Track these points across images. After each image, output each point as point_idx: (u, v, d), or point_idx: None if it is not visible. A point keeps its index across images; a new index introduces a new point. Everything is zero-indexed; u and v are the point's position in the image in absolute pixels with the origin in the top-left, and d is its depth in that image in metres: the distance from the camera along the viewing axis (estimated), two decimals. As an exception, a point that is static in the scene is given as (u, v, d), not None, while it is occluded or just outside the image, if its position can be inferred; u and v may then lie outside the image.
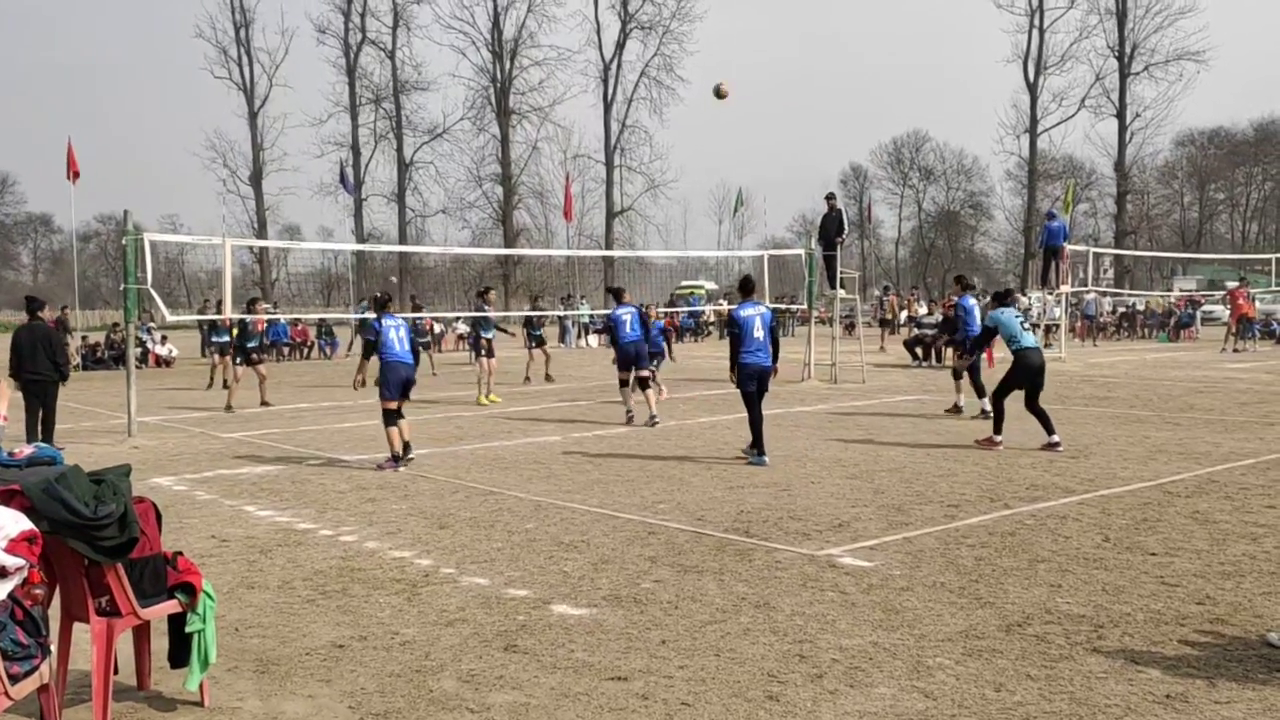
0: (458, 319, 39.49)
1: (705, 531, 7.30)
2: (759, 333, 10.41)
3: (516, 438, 12.47)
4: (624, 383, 13.97)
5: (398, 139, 67.54)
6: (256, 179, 66.18)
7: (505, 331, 20.97)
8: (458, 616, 5.45)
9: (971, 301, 14.94)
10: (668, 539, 7.09)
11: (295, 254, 74.69)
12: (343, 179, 50.38)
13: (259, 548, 7.07)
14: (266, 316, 21.26)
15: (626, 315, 14.06)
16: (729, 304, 19.99)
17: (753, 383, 10.42)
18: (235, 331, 18.25)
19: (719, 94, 11.27)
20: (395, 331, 10.75)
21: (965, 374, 14.04)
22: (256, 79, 65.64)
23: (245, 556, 6.83)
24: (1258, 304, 31.99)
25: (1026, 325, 11.41)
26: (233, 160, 65.73)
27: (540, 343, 21.19)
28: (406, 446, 10.52)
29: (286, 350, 31.84)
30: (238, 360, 16.89)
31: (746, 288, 11.07)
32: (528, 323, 21.46)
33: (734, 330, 10.53)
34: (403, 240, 65.11)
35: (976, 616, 5.31)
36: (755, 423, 10.35)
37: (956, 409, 14.12)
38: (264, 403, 16.71)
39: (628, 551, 6.76)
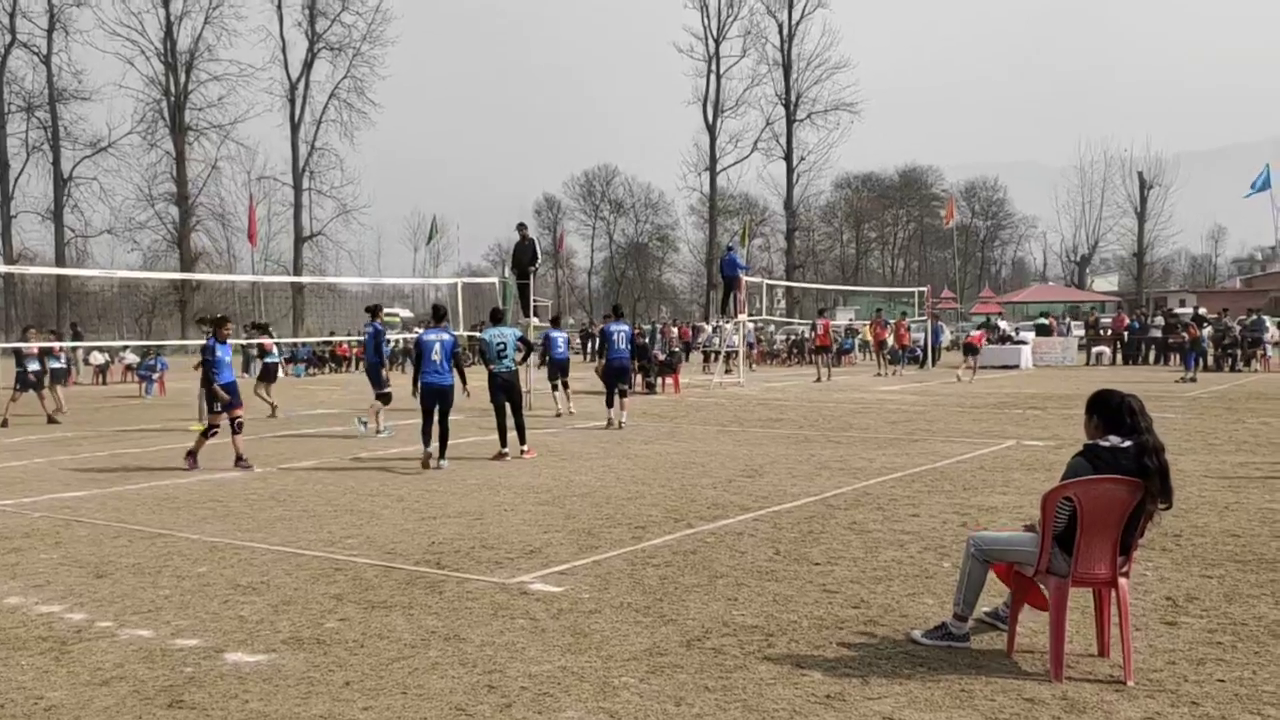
0: (125, 348, 36.45)
1: (395, 565, 7.12)
2: (437, 356, 11.90)
3: (191, 475, 11.62)
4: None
5: (54, 151, 61.83)
6: (-126, 190, 58.20)
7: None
8: (115, 674, 4.98)
9: (613, 328, 16.89)
10: (355, 575, 6.85)
11: (-75, 276, 66.02)
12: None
13: None
14: (39, 344, 19.75)
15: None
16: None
17: (432, 399, 11.86)
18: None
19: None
20: (226, 355, 12.48)
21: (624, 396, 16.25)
22: (-126, 76, 57.89)
23: None
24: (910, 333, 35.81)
25: (506, 353, 12.86)
26: None
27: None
28: (239, 459, 12.06)
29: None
30: (17, 387, 17.26)
31: (437, 314, 12.73)
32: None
33: (416, 351, 12.11)
34: (60, 262, 59.50)
35: (660, 634, 5.51)
36: (425, 431, 11.87)
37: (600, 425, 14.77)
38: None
39: (311, 590, 6.47)
